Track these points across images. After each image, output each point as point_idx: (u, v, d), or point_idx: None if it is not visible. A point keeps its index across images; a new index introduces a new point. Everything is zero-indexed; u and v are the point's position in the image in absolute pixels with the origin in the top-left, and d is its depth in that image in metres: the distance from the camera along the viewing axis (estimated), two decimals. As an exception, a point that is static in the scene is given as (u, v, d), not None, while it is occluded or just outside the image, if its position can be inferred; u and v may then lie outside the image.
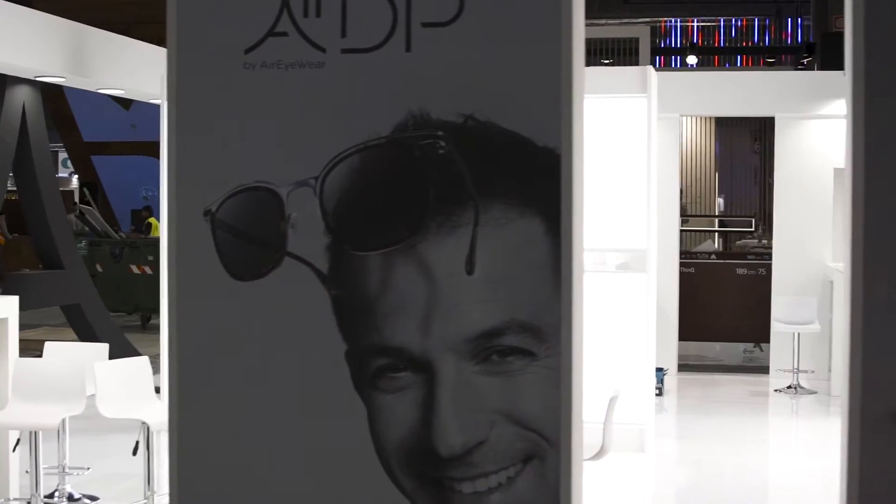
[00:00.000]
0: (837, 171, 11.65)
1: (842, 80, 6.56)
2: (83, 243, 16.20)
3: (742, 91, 12.30)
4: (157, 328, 14.22)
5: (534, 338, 3.04)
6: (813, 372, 11.76)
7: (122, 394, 5.46)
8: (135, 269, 15.79)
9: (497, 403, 3.05)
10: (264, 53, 3.16)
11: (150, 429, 5.43)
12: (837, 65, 14.29)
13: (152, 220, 21.81)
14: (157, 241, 14.51)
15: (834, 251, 11.86)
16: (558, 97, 3.03)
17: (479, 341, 3.05)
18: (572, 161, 3.03)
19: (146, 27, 15.09)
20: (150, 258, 15.76)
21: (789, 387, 11.45)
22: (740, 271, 13.09)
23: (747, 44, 26.94)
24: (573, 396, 3.04)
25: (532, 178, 3.04)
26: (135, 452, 5.58)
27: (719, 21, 26.52)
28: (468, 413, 3.05)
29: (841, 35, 14.86)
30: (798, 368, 11.45)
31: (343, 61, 3.12)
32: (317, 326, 3.12)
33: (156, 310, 12.47)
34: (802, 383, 11.51)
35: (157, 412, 5.64)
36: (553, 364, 3.03)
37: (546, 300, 3.04)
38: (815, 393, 11.33)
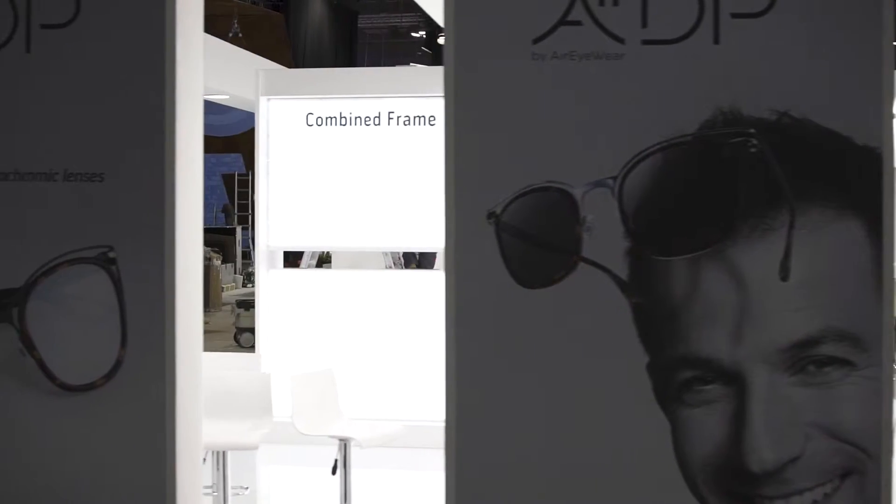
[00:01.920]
0: None
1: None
2: None
3: None
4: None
5: (853, 347, 2.93)
6: None
7: (315, 409, 5.28)
8: None
9: (812, 416, 2.94)
10: (555, 44, 3.01)
11: (348, 446, 5.25)
12: None
13: None
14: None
15: None
16: (880, 92, 2.90)
17: (793, 351, 2.93)
18: (894, 160, 2.91)
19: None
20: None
21: None
22: None
23: None
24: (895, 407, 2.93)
25: (851, 179, 2.92)
26: (334, 471, 5.39)
27: None
28: (782, 427, 2.94)
29: None
30: None
31: (644, 53, 2.98)
32: (615, 337, 2.99)
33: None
34: None
35: (354, 428, 5.45)
36: (874, 374, 2.93)
37: (866, 307, 2.92)
38: None
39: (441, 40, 13.34)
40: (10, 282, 3.23)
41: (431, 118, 7.50)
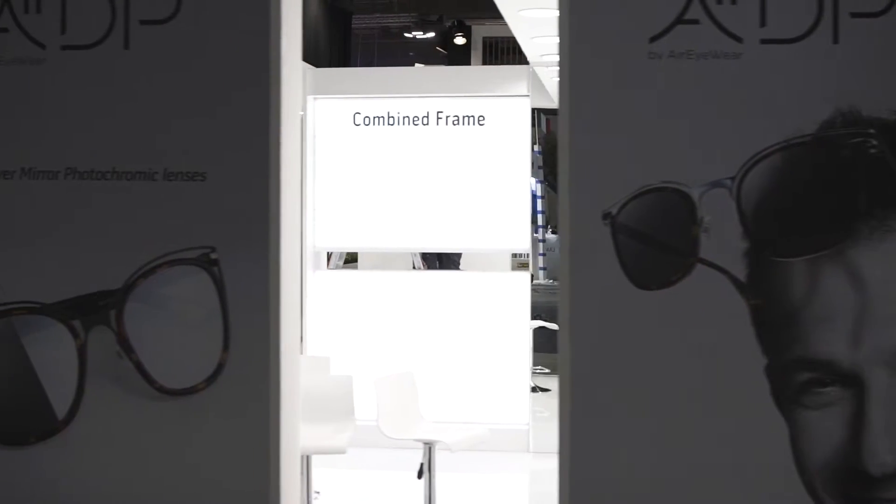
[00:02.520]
0: None
1: None
2: None
3: None
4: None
5: (974, 349, 2.92)
6: None
7: (398, 412, 5.21)
8: None
9: (932, 419, 2.93)
10: (672, 42, 3.00)
11: (433, 449, 5.19)
12: None
13: None
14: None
15: None
16: None
17: (913, 353, 2.92)
18: None
19: None
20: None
21: None
22: None
23: None
24: None
25: (974, 180, 2.91)
26: (420, 475, 5.33)
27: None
28: (901, 430, 2.93)
29: None
30: None
31: (762, 52, 2.97)
32: (732, 339, 2.98)
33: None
34: None
35: (441, 431, 5.41)
36: None
37: None
38: None
39: (458, 40, 13.38)
40: (107, 283, 3.17)
41: (481, 118, 7.48)
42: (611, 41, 3.02)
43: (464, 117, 7.52)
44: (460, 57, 13.22)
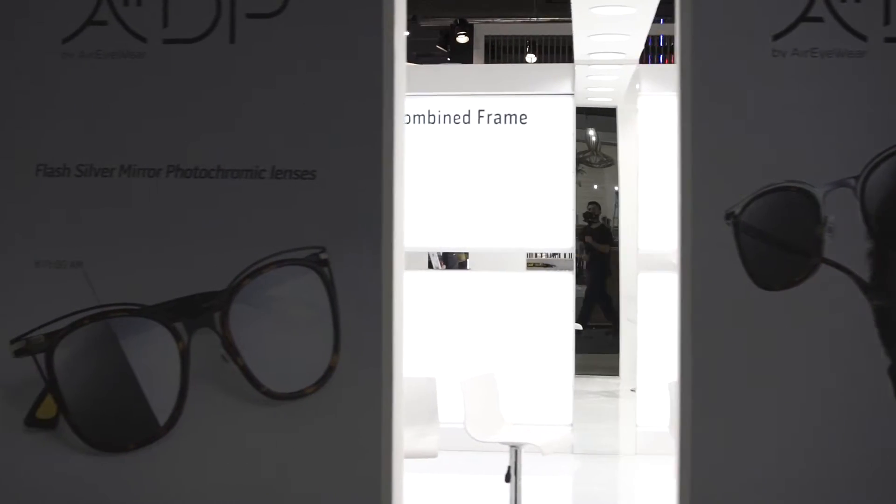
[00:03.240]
0: None
1: None
2: None
3: None
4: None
5: None
6: None
7: (483, 414, 5.13)
8: None
9: None
10: (796, 40, 3.00)
11: (520, 452, 5.12)
12: None
13: None
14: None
15: None
16: None
17: None
18: None
19: None
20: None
21: None
22: None
23: None
24: None
25: None
26: (508, 479, 5.26)
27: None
28: None
29: None
30: None
31: (886, 50, 2.98)
32: (856, 340, 2.99)
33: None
34: None
35: (530, 433, 5.35)
36: None
37: None
38: None
39: (461, 38, 13.30)
40: (211, 284, 3.09)
41: (523, 116, 7.44)
42: (734, 39, 3.00)
43: (506, 116, 7.49)
44: (461, 56, 13.16)
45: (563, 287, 7.64)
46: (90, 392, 3.14)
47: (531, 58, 12.83)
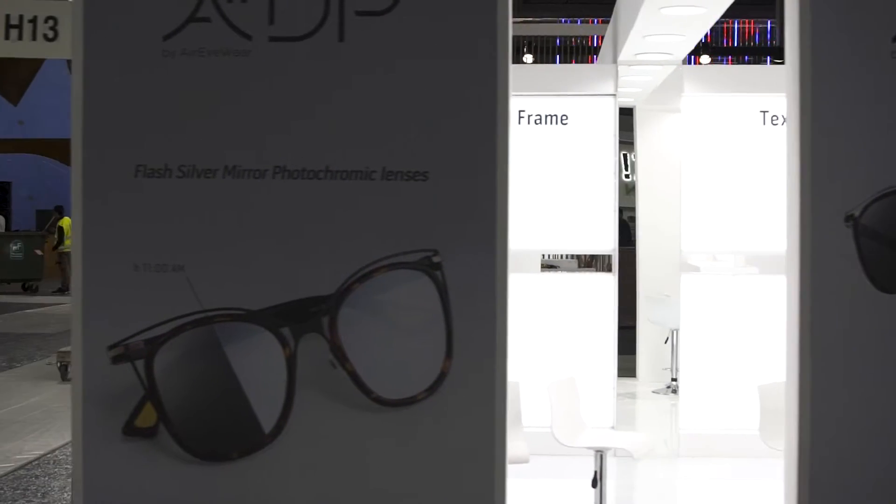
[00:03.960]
0: None
1: None
2: None
3: None
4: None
5: None
6: None
7: (567, 418, 5.05)
8: None
9: None
10: (913, 43, 2.97)
11: (605, 456, 5.05)
12: None
13: (64, 221, 20.72)
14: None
15: None
16: None
17: None
18: None
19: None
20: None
21: None
22: None
23: None
24: None
25: None
26: (594, 484, 5.18)
27: None
28: None
29: None
30: None
31: None
32: (976, 342, 2.95)
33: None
34: None
35: (619, 438, 5.23)
36: None
37: None
38: None
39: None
40: (319, 289, 3.02)
41: (564, 117, 7.40)
42: (852, 40, 2.99)
43: (546, 116, 7.45)
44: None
45: (604, 288, 7.62)
46: (192, 400, 3.06)
47: (528, 58, 12.82)
